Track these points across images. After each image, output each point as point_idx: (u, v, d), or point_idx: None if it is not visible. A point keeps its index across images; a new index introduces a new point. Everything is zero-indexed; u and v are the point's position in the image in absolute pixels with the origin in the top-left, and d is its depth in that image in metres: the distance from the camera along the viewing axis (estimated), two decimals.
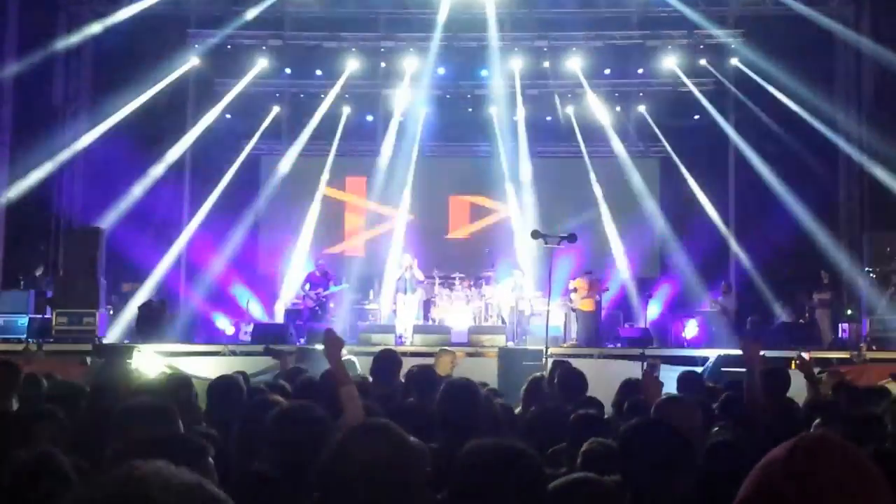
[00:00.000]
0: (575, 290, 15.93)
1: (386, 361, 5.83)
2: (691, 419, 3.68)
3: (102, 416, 4.17)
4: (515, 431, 4.94)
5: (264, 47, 18.89)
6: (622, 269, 18.34)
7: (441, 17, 18.31)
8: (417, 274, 16.00)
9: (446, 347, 9.76)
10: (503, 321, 16.04)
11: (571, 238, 10.63)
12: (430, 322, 16.15)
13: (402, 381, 6.02)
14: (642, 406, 4.68)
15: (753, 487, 1.36)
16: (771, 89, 17.52)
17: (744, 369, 5.14)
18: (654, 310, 17.00)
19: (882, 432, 4.14)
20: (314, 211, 19.35)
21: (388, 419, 2.33)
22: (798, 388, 6.08)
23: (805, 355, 6.75)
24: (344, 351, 4.21)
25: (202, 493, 1.17)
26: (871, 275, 14.99)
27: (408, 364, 6.36)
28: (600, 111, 19.20)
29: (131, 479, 1.15)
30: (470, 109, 19.79)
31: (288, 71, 19.42)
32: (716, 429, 4.58)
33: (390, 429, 2.13)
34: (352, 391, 3.80)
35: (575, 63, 18.62)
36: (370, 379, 5.87)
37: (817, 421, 4.22)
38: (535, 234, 10.83)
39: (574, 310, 15.92)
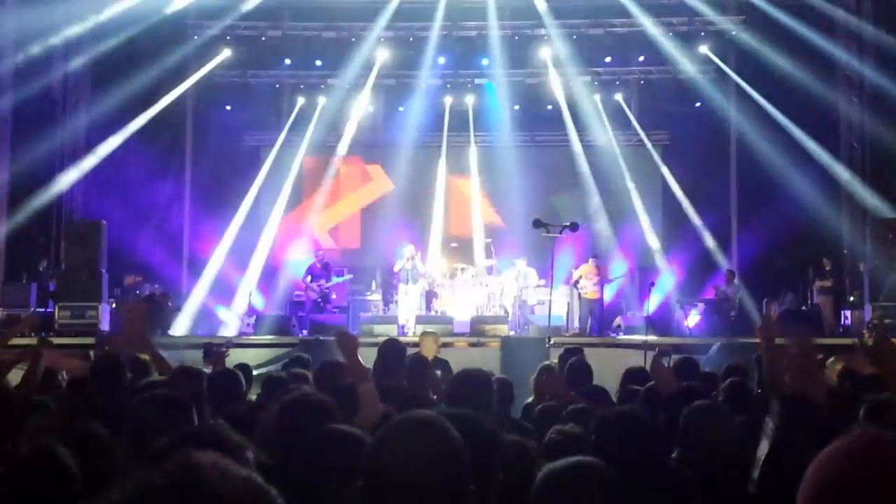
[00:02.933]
0: (580, 278, 15.90)
1: (391, 353, 5.83)
2: (726, 429, 3.48)
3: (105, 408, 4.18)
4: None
5: (264, 38, 18.86)
6: (623, 258, 18.28)
7: (441, 7, 18.28)
8: (419, 265, 16.02)
9: (428, 330, 9.75)
10: (506, 311, 16.04)
11: (573, 227, 10.65)
12: (433, 313, 16.14)
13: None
14: (654, 396, 4.66)
15: (824, 477, 1.35)
16: (772, 75, 17.47)
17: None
18: (656, 298, 16.95)
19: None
20: (316, 202, 19.35)
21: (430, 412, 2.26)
22: None
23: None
24: None
25: (253, 485, 1.24)
26: (874, 261, 14.96)
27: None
28: (601, 99, 19.16)
29: (189, 467, 1.21)
30: (470, 98, 19.74)
31: (287, 62, 19.37)
32: None
33: (440, 422, 2.08)
34: (370, 389, 3.79)
35: (575, 51, 18.57)
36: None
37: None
38: (537, 224, 10.83)
39: (581, 298, 15.91)
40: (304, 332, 14.88)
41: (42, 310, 14.79)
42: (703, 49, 18.62)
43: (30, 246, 16.79)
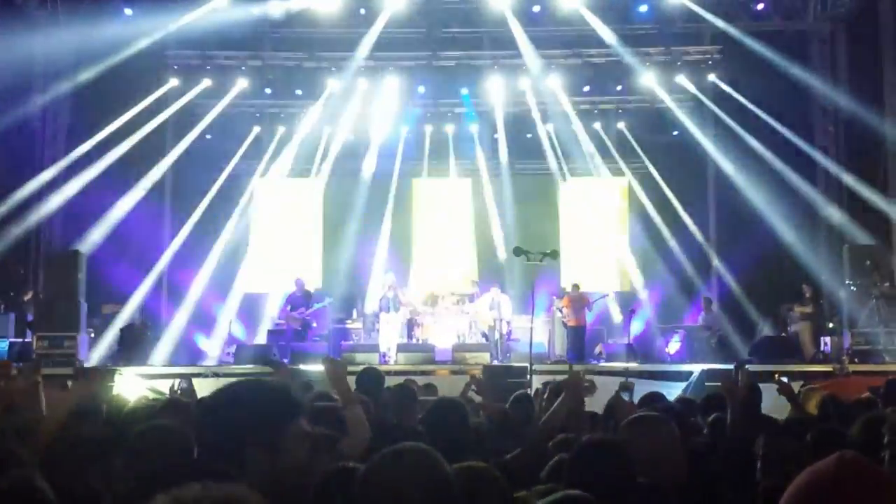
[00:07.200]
0: (561, 309, 15.97)
1: (369, 378, 5.83)
2: (662, 437, 3.46)
3: (81, 440, 4.13)
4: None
5: (244, 68, 18.92)
6: (604, 286, 18.32)
7: (420, 37, 18.41)
8: (400, 294, 15.99)
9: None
10: (486, 338, 16.03)
11: (553, 254, 10.65)
12: (414, 341, 16.11)
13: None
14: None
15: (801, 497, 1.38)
16: (748, 105, 17.68)
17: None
18: (637, 325, 17.02)
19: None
20: (296, 230, 19.33)
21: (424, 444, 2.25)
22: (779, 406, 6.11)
23: (784, 379, 6.82)
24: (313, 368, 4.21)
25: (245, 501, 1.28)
26: (852, 287, 15.07)
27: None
28: (579, 128, 19.29)
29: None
30: (450, 127, 19.84)
31: (268, 91, 19.43)
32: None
33: (428, 453, 2.06)
34: (358, 412, 3.80)
35: (554, 80, 18.73)
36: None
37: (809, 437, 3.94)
38: (518, 251, 10.80)
39: (566, 325, 15.92)
40: (285, 361, 14.77)
41: (20, 340, 14.65)
42: (681, 79, 18.81)
43: (8, 276, 16.64)
